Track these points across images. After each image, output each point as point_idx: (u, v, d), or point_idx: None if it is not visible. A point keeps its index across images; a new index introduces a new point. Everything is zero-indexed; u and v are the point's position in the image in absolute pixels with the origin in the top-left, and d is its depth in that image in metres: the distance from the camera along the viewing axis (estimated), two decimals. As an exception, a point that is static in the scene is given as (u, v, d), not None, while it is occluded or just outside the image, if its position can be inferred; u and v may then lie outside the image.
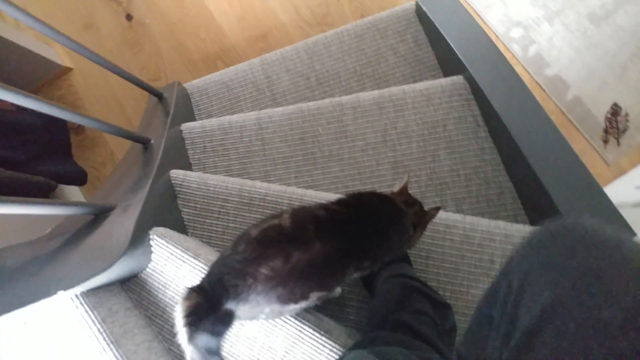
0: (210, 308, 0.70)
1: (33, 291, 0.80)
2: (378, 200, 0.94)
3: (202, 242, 1.25)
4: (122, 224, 0.96)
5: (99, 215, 1.00)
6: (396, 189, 1.02)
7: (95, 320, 0.84)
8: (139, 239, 0.96)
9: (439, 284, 1.16)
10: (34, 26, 0.92)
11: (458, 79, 1.46)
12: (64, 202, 0.86)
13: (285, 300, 0.74)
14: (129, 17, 2.15)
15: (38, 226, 1.02)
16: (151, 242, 1.02)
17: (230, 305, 0.71)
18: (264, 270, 0.70)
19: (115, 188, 1.18)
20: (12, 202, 0.69)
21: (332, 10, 1.98)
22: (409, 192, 1.03)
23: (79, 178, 1.84)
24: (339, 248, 0.78)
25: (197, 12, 2.08)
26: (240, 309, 0.72)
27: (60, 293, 0.80)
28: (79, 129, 2.06)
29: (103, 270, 0.84)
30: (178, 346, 1.03)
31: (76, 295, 0.84)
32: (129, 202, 1.04)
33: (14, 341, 0.89)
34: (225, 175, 1.43)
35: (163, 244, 1.02)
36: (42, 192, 1.57)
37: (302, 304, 0.79)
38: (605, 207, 1.19)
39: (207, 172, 1.49)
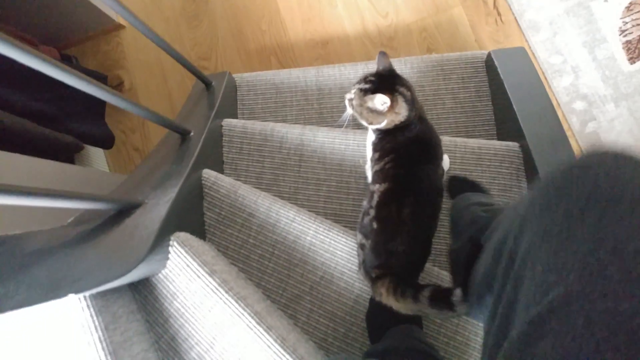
0: None
1: (44, 289, 0.76)
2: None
3: (219, 251, 1.21)
4: (145, 225, 0.91)
5: (123, 210, 0.96)
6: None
7: (98, 327, 0.81)
8: (159, 244, 0.92)
9: (446, 354, 1.11)
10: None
11: (513, 145, 1.39)
12: (89, 196, 0.81)
13: None
14: (194, -10, 2.09)
15: (62, 210, 0.97)
16: (170, 249, 0.98)
17: None
18: None
19: (145, 180, 1.14)
20: (33, 193, 0.65)
21: (400, 35, 1.90)
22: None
23: (107, 141, 1.80)
24: None
25: (264, 2, 2.01)
26: None
27: (71, 296, 0.76)
28: (119, 87, 2.02)
29: (118, 277, 0.80)
30: (172, 358, 1.01)
31: (85, 297, 0.80)
32: (157, 200, 1.00)
33: (6, 334, 0.85)
34: (255, 186, 1.39)
35: (181, 253, 0.98)
36: (68, 152, 1.54)
37: None
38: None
39: (239, 173, 1.44)
